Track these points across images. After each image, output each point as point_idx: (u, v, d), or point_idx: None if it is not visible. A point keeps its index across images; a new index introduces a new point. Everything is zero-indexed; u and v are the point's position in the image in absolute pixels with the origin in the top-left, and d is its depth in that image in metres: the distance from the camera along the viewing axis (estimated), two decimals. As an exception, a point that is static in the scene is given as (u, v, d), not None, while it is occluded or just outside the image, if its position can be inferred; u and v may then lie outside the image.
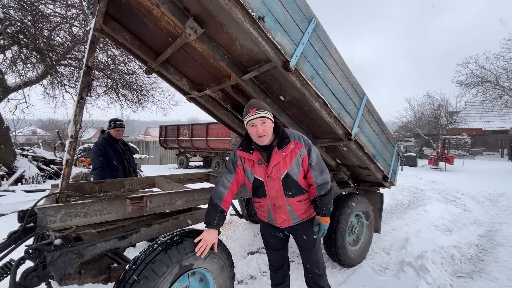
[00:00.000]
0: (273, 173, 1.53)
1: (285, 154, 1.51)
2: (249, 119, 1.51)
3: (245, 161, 1.61)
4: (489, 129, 22.57)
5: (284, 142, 1.52)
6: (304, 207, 1.63)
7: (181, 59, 2.59)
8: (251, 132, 1.53)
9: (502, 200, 5.65)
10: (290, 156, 1.52)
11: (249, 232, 3.71)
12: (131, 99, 7.28)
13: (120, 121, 3.09)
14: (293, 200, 1.57)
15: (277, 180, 1.54)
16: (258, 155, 1.56)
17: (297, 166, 1.54)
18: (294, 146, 1.52)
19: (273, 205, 1.60)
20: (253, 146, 1.58)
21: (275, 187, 1.56)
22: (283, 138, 1.54)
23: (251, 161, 1.59)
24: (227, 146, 10.40)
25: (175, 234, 1.51)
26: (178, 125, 12.73)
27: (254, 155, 1.56)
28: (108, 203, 1.56)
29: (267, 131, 1.50)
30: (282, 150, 1.51)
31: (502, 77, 17.88)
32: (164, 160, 16.32)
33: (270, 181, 1.55)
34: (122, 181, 2.54)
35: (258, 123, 1.47)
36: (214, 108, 3.26)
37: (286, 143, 1.52)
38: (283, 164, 1.52)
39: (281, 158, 1.52)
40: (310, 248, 1.69)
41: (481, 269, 2.75)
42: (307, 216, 1.65)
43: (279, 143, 1.53)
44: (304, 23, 1.99)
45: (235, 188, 1.62)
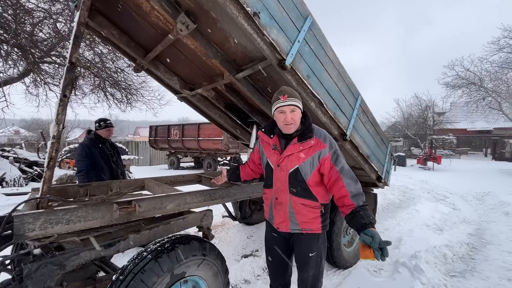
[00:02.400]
0: (284, 163, 1.46)
1: (302, 148, 1.42)
2: (278, 105, 1.45)
3: (263, 143, 1.62)
4: (473, 129, 23.35)
5: (306, 135, 1.44)
6: (307, 215, 1.46)
7: (172, 56, 2.49)
8: (278, 119, 1.47)
9: (489, 198, 5.81)
10: (306, 152, 1.42)
11: (242, 235, 3.64)
12: (119, 99, 7.06)
13: (109, 120, 2.96)
14: (297, 200, 1.45)
15: (285, 172, 1.45)
16: (276, 140, 1.53)
17: (310, 165, 1.41)
18: (314, 144, 1.41)
19: (275, 199, 1.52)
20: (276, 131, 1.55)
21: (281, 178, 1.47)
22: (307, 132, 1.45)
23: (268, 144, 1.57)
24: (219, 147, 10.28)
25: (166, 241, 1.42)
26: (169, 125, 12.50)
27: (273, 139, 1.53)
28: (93, 209, 1.46)
29: (296, 120, 1.44)
30: (301, 143, 1.43)
31: (486, 79, 18.55)
32: (154, 161, 16.01)
33: (278, 171, 1.48)
34: (109, 184, 2.42)
35: (287, 111, 1.42)
36: (206, 107, 3.17)
37: (307, 138, 1.43)
38: (296, 158, 1.43)
39: (296, 150, 1.43)
40: (303, 265, 1.55)
41: (473, 268, 2.78)
42: (308, 229, 1.47)
43: (301, 135, 1.46)
44: (300, 21, 1.94)
45: (252, 163, 1.81)
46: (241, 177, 1.85)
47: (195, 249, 1.47)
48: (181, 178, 2.94)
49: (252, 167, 1.79)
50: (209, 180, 2.95)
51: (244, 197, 2.30)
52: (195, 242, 1.50)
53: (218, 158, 11.53)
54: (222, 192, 2.13)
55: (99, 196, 2.04)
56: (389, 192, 6.26)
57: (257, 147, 1.71)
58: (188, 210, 1.90)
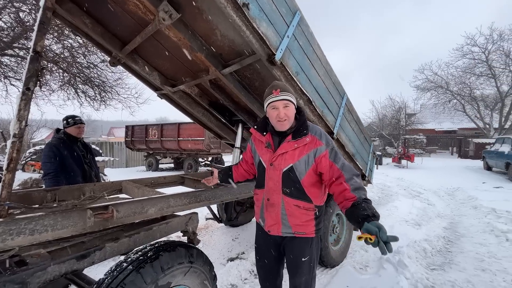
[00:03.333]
0: (277, 161, 1.38)
1: (297, 146, 1.34)
2: (271, 101, 1.36)
3: (255, 141, 1.54)
4: (440, 129, 25.03)
5: (300, 132, 1.36)
6: (300, 218, 1.38)
7: (153, 49, 2.33)
8: (271, 115, 1.38)
9: (458, 193, 6.20)
10: (301, 150, 1.34)
11: (227, 237, 3.53)
12: (92, 96, 6.60)
13: (79, 117, 2.71)
14: (290, 202, 1.37)
15: (278, 171, 1.37)
16: (269, 138, 1.45)
17: (305, 164, 1.34)
18: (309, 141, 1.33)
19: (267, 200, 1.43)
20: (269, 128, 1.47)
21: (274, 177, 1.39)
22: (301, 129, 1.37)
23: (261, 142, 1.49)
24: (200, 147, 10.03)
25: (148, 249, 1.29)
26: (147, 125, 11.98)
27: (266, 137, 1.46)
28: (63, 216, 1.28)
29: (289, 116, 1.35)
30: (296, 140, 1.35)
31: (451, 83, 20.00)
32: (131, 162, 15.27)
33: (271, 170, 1.40)
34: (81, 187, 2.20)
35: (280, 106, 1.33)
36: (189, 105, 3.02)
37: (302, 135, 1.35)
38: (290, 156, 1.35)
39: (290, 148, 1.35)
40: (295, 270, 1.48)
41: (451, 260, 2.90)
42: (301, 232, 1.39)
43: (295, 132, 1.38)
44: (289, 16, 1.89)
45: (245, 163, 1.71)
46: (234, 178, 1.73)
47: (181, 256, 1.35)
48: (162, 179, 2.77)
49: (245, 167, 1.69)
50: (192, 182, 2.82)
51: (231, 198, 2.20)
52: (181, 248, 1.38)
53: (199, 158, 11.25)
54: (208, 193, 2.02)
55: (69, 202, 1.84)
56: (369, 190, 6.45)
57: (249, 146, 1.62)
58: (172, 214, 1.77)
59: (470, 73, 18.90)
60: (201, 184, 2.73)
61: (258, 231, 1.63)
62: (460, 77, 19.55)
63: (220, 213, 3.15)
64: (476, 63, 18.52)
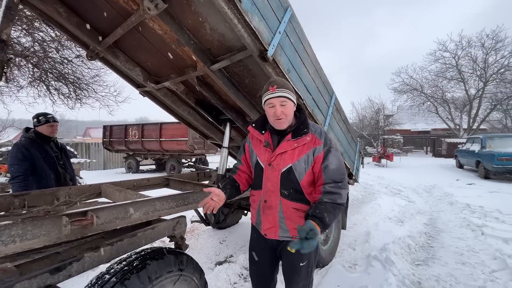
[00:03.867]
0: (276, 161, 1.31)
1: (297, 145, 1.28)
2: (267, 98, 1.29)
3: (253, 140, 1.45)
4: (415, 130, 26.40)
5: (300, 131, 1.30)
6: (299, 221, 1.30)
7: (135, 43, 2.18)
8: (268, 113, 1.33)
9: (435, 190, 6.51)
10: (301, 149, 1.28)
11: (214, 240, 3.42)
12: (66, 94, 6.17)
13: (51, 114, 2.50)
14: (288, 204, 1.31)
15: (277, 172, 1.30)
16: (268, 136, 1.38)
17: (305, 164, 1.27)
18: (309, 140, 1.28)
19: (264, 202, 1.36)
20: (267, 126, 1.40)
21: (272, 178, 1.32)
22: (302, 127, 1.31)
23: (259, 141, 1.41)
24: (184, 147, 9.77)
25: (134, 258, 1.18)
26: (126, 125, 11.47)
27: (265, 136, 1.38)
28: (33, 224, 1.14)
29: (287, 114, 1.29)
30: (295, 139, 1.28)
31: (426, 86, 21.14)
32: (109, 164, 14.56)
33: (269, 170, 1.33)
34: (55, 191, 2.01)
35: (277, 104, 1.27)
36: (173, 103, 2.88)
37: (303, 134, 1.28)
38: (290, 156, 1.29)
39: (290, 148, 1.29)
40: (292, 275, 1.40)
41: (433, 255, 3.01)
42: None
43: (295, 130, 1.31)
44: (280, 11, 1.84)
45: (245, 165, 1.51)
46: (241, 189, 1.48)
47: (170, 264, 1.25)
48: (146, 182, 2.62)
49: (246, 169, 1.52)
50: (178, 183, 2.69)
51: (220, 200, 2.11)
52: (170, 255, 1.28)
53: (183, 159, 10.96)
54: (196, 196, 1.91)
55: (41, 208, 1.66)
56: (353, 189, 6.59)
57: (247, 145, 1.52)
58: (159, 218, 1.65)
59: (442, 77, 20.13)
60: (187, 186, 2.62)
61: (253, 234, 1.55)
62: (433, 81, 20.76)
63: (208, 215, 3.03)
64: (447, 68, 19.75)
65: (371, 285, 2.27)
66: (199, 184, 2.54)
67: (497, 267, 2.68)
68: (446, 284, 2.38)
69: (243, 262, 2.79)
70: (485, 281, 2.41)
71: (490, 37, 17.40)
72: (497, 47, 17.42)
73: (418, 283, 2.40)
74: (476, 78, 19.07)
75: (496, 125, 21.96)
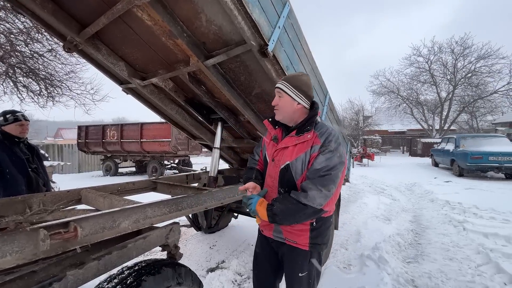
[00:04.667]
0: (278, 157, 1.28)
1: (298, 142, 1.22)
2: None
3: (267, 135, 1.44)
4: (392, 130, 27.63)
5: (304, 128, 1.23)
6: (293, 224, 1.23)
7: (120, 35, 2.00)
8: None
9: (416, 188, 6.78)
10: (300, 147, 1.21)
11: (203, 245, 3.27)
12: (36, 91, 5.67)
13: (20, 112, 2.24)
14: None
15: (277, 168, 1.27)
16: (279, 132, 1.36)
17: (302, 163, 1.19)
18: (309, 138, 1.20)
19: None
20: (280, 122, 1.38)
21: (273, 174, 1.30)
22: (306, 124, 1.24)
23: (270, 135, 1.41)
24: (167, 149, 9.41)
25: (127, 274, 1.04)
26: (104, 125, 10.86)
27: (276, 130, 1.37)
28: (3, 239, 0.96)
29: (281, 106, 1.29)
30: (298, 136, 1.23)
31: (401, 88, 22.19)
32: (85, 167, 13.71)
33: (272, 165, 1.31)
34: (26, 199, 1.78)
35: (276, 94, 1.31)
36: (160, 101, 2.70)
37: (305, 131, 1.21)
38: (289, 153, 1.24)
39: (291, 144, 1.24)
40: (291, 285, 1.33)
41: (422, 252, 3.08)
42: (292, 240, 1.25)
43: (300, 127, 1.25)
44: (279, 5, 1.76)
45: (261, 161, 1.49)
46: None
47: (167, 278, 1.12)
48: (131, 186, 2.42)
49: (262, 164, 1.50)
50: (167, 187, 2.52)
51: (215, 204, 1.99)
52: (167, 269, 1.15)
53: (165, 161, 10.57)
54: (190, 200, 1.78)
55: (11, 218, 1.44)
56: (338, 188, 6.69)
57: (264, 139, 1.49)
58: (151, 226, 1.50)
59: (416, 80, 21.26)
60: (177, 189, 2.45)
61: (258, 234, 1.51)
62: (409, 84, 21.85)
63: (199, 220, 2.87)
64: (421, 72, 20.90)
65: (368, 285, 2.26)
66: (189, 187, 2.39)
67: (482, 261, 2.79)
68: (438, 281, 2.43)
69: (236, 267, 2.68)
70: (473, 276, 2.49)
71: (459, 43, 18.63)
72: (465, 53, 18.70)
73: (412, 281, 2.42)
74: (446, 82, 20.34)
75: (464, 126, 23.55)
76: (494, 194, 5.60)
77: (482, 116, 21.45)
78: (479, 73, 18.52)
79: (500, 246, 3.09)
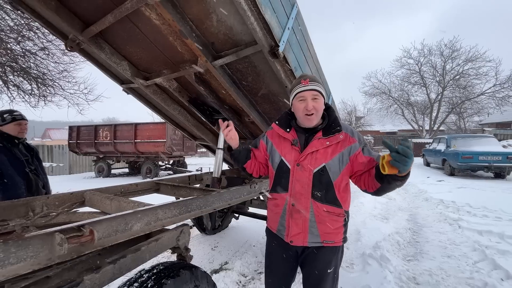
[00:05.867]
0: (306, 161, 1.22)
1: (329, 143, 1.20)
2: (298, 91, 1.22)
3: (274, 139, 1.36)
4: (384, 131, 28.14)
5: (332, 129, 1.22)
6: (331, 225, 1.23)
7: (125, 34, 1.97)
8: (297, 108, 1.24)
9: (410, 188, 6.92)
10: (334, 148, 1.21)
11: (205, 247, 3.24)
12: (28, 90, 5.51)
13: (18, 112, 2.17)
14: (320, 207, 1.22)
15: (308, 172, 1.21)
16: (294, 135, 1.29)
17: (339, 162, 1.20)
18: (343, 138, 1.21)
19: (291, 206, 1.26)
20: (293, 124, 1.32)
21: (303, 179, 1.22)
22: (334, 125, 1.23)
23: (282, 139, 1.32)
24: (161, 149, 9.30)
25: (146, 277, 1.02)
26: (96, 126, 10.64)
27: (290, 134, 1.30)
28: (18, 244, 0.93)
29: (318, 109, 1.21)
30: (327, 138, 1.20)
31: (393, 89, 22.63)
32: (76, 168, 13.39)
33: (298, 171, 1.23)
34: (29, 202, 1.72)
35: (309, 97, 1.20)
36: (163, 101, 2.68)
37: (335, 132, 1.20)
38: (323, 155, 1.20)
39: (322, 146, 1.20)
40: (318, 284, 1.30)
41: (421, 250, 3.14)
42: (330, 241, 1.25)
43: (326, 128, 1.23)
44: (288, 7, 1.77)
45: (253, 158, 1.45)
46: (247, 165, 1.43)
47: (186, 280, 1.11)
48: (134, 187, 2.37)
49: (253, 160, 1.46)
50: (170, 188, 2.48)
51: (223, 205, 1.97)
52: (185, 271, 1.13)
53: (160, 162, 10.43)
54: (199, 201, 1.76)
55: (17, 222, 1.39)
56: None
57: (263, 144, 1.42)
58: (161, 228, 1.48)
59: (407, 81, 21.74)
60: (181, 190, 2.42)
61: (271, 243, 1.43)
62: (400, 85, 22.31)
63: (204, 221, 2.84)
64: (411, 73, 21.38)
65: (372, 284, 2.29)
66: (194, 189, 2.36)
67: (478, 258, 2.87)
68: (438, 278, 2.48)
69: (239, 268, 2.67)
70: (471, 273, 2.56)
71: (448, 46, 19.15)
72: (453, 56, 19.24)
73: (413, 279, 2.47)
74: (436, 84, 20.88)
75: (452, 127, 24.22)
76: (485, 193, 5.78)
77: (470, 117, 22.12)
78: (467, 75, 19.09)
79: (494, 243, 3.19)
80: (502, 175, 8.01)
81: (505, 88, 17.72)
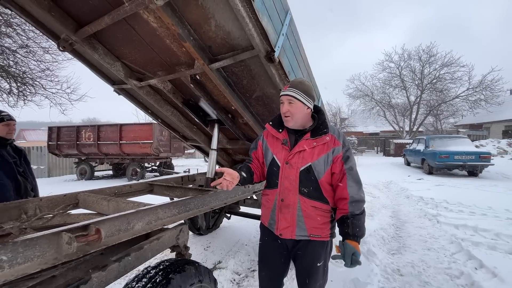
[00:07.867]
0: (294, 160, 1.32)
1: (316, 144, 1.30)
2: (280, 95, 1.39)
3: (269, 138, 1.47)
4: (367, 132, 29.11)
5: (320, 131, 1.32)
6: (317, 220, 1.31)
7: (120, 35, 1.97)
8: (280, 111, 1.39)
9: (392, 186, 7.25)
10: (320, 148, 1.30)
11: (197, 247, 3.26)
12: (6, 89, 5.25)
13: (5, 112, 2.11)
14: (307, 202, 1.31)
15: (295, 170, 1.31)
16: (285, 135, 1.40)
17: (324, 163, 1.29)
18: (329, 140, 1.30)
19: (281, 201, 1.34)
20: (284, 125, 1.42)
21: (290, 176, 1.32)
22: (322, 127, 1.33)
23: (275, 139, 1.43)
24: (148, 151, 9.13)
25: (154, 273, 1.06)
26: (78, 126, 10.26)
27: (282, 134, 1.40)
28: (25, 244, 0.94)
29: (293, 112, 1.33)
30: (315, 139, 1.30)
31: (375, 92, 23.48)
32: (55, 170, 12.80)
33: (287, 169, 1.33)
34: (21, 204, 1.69)
35: (285, 101, 1.34)
36: (156, 102, 2.68)
37: (322, 133, 1.31)
38: (309, 154, 1.30)
39: (309, 146, 1.31)
40: (309, 276, 1.39)
41: (404, 244, 3.34)
42: (316, 235, 1.33)
43: (315, 130, 1.34)
44: (283, 13, 1.85)
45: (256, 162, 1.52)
46: (254, 179, 1.46)
47: (191, 276, 1.16)
48: (128, 188, 2.37)
49: (256, 165, 1.52)
50: (164, 189, 2.50)
51: (220, 204, 2.03)
52: (190, 267, 1.18)
53: (146, 163, 10.22)
54: (197, 201, 1.81)
55: (14, 224, 1.37)
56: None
57: (260, 143, 1.52)
58: (162, 227, 1.51)
59: (389, 84, 22.65)
60: (175, 191, 2.44)
61: (264, 237, 1.51)
62: (382, 88, 23.20)
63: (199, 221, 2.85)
64: (392, 77, 22.29)
65: (361, 277, 2.42)
66: (189, 189, 2.39)
67: (455, 250, 3.09)
68: (420, 269, 2.66)
69: (233, 267, 2.72)
70: (449, 263, 2.76)
71: (425, 51, 20.16)
72: (430, 61, 20.29)
73: (398, 271, 2.63)
74: (415, 87, 21.89)
75: (429, 128, 25.48)
76: (460, 190, 6.18)
77: (446, 119, 23.38)
78: (443, 79, 20.18)
79: (469, 235, 3.44)
80: (475, 173, 8.57)
81: (477, 91, 18.90)
